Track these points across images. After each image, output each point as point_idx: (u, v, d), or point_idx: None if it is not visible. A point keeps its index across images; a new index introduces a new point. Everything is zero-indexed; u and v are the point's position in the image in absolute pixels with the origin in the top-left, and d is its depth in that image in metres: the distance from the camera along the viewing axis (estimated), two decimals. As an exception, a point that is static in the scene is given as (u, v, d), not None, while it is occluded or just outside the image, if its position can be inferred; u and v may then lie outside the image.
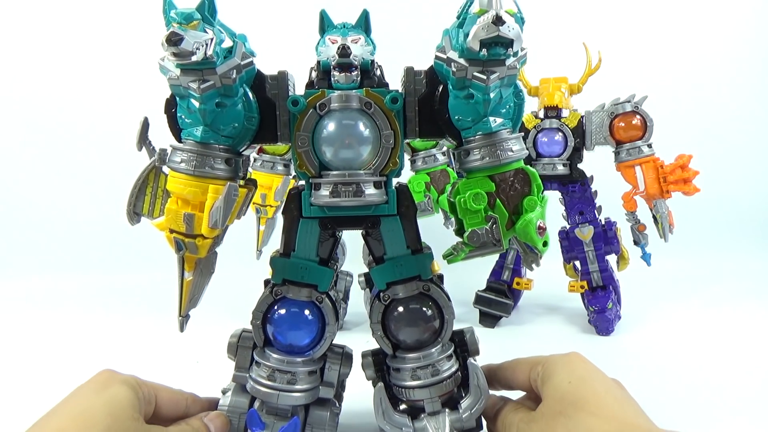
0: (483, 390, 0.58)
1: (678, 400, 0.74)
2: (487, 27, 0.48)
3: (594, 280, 1.07)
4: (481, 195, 0.54)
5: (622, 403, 0.49)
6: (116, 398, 0.50)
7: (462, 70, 0.51)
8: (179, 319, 0.56)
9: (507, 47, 0.49)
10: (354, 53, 0.54)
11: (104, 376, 0.54)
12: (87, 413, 0.48)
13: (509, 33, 0.48)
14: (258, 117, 0.55)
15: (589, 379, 0.52)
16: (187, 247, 0.53)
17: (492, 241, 0.54)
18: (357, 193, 0.53)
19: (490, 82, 0.51)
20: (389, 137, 0.54)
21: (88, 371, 0.86)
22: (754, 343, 0.96)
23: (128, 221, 0.55)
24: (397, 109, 0.54)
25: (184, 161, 0.52)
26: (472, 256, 0.55)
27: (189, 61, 0.47)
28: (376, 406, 0.58)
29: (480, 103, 0.53)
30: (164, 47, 0.45)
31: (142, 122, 0.54)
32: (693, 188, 0.99)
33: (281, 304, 0.57)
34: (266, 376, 0.57)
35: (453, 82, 0.53)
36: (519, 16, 0.51)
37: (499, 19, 0.48)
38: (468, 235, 0.54)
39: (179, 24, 0.46)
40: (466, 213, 0.54)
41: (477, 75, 0.51)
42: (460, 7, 0.53)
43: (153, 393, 0.55)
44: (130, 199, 0.54)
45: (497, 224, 0.54)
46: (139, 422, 0.50)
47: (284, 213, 0.58)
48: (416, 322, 0.59)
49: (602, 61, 1.06)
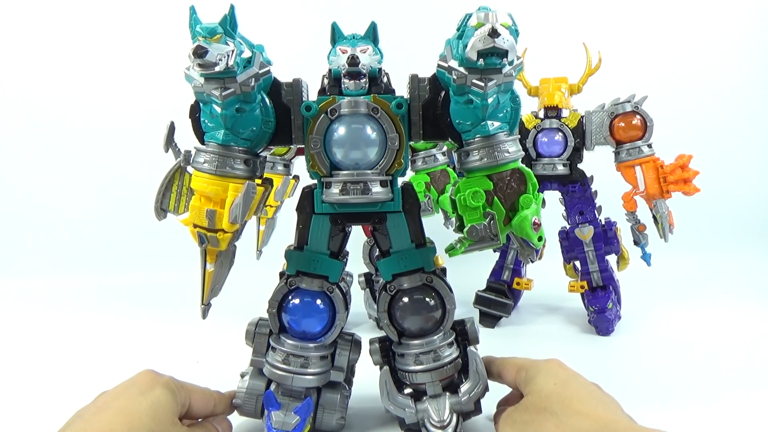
0: (481, 376, 0.67)
1: (678, 400, 0.77)
2: (484, 39, 0.56)
3: (594, 280, 1.11)
4: (480, 193, 0.62)
5: (604, 404, 0.57)
6: (159, 401, 0.57)
7: (462, 77, 0.59)
8: (201, 307, 0.64)
9: (502, 57, 0.57)
10: (362, 62, 0.62)
11: (148, 378, 0.60)
12: (133, 414, 0.54)
13: (504, 44, 0.56)
14: (274, 121, 0.64)
15: (572, 382, 0.61)
16: (209, 240, 0.62)
17: (490, 236, 0.62)
18: (365, 191, 0.61)
19: (488, 88, 0.59)
20: (395, 139, 0.62)
21: (88, 371, 0.93)
22: (755, 342, 1.00)
23: (156, 217, 0.64)
24: (402, 113, 0.62)
25: (206, 162, 0.61)
26: (471, 250, 0.64)
27: (213, 71, 0.55)
28: (381, 389, 0.67)
29: (479, 108, 0.61)
30: (191, 59, 0.55)
31: (168, 126, 0.63)
32: (693, 188, 1.03)
33: (295, 294, 0.67)
34: (281, 360, 0.66)
35: (454, 88, 0.61)
36: (513, 29, 0.59)
37: (494, 32, 0.55)
38: (467, 230, 0.62)
39: (204, 38, 0.55)
40: (466, 210, 0.63)
41: (476, 82, 0.59)
42: (459, 20, 0.61)
43: (188, 396, 0.62)
44: (158, 196, 0.63)
45: (494, 220, 0.62)
46: (176, 426, 0.57)
47: (298, 210, 0.66)
48: (420, 312, 0.68)
49: (602, 61, 1.10)
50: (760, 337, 1.04)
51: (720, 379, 0.85)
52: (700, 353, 0.96)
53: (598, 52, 1.11)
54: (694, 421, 0.72)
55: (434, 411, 0.65)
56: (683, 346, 1.00)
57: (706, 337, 1.04)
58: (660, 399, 0.78)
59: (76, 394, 0.82)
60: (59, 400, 0.81)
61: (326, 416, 0.67)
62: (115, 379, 0.87)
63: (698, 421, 0.72)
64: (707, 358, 0.94)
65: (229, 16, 0.57)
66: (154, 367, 0.63)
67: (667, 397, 0.79)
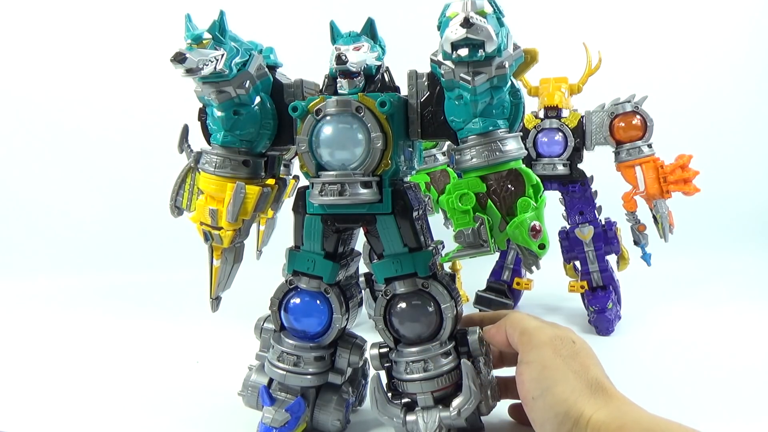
0: (473, 392, 0.62)
1: (678, 400, 0.77)
2: (456, 30, 0.53)
3: (594, 280, 1.11)
4: (468, 196, 0.58)
5: None
6: None
7: (449, 72, 0.57)
8: (210, 300, 0.67)
9: (478, 48, 0.54)
10: (352, 60, 0.59)
11: None
12: None
13: (479, 34, 0.53)
14: (274, 122, 0.65)
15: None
16: (213, 237, 0.64)
17: (479, 242, 0.58)
18: (342, 192, 0.59)
19: (476, 83, 0.56)
20: (378, 139, 0.59)
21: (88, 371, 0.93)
22: (755, 342, 1.00)
23: (171, 214, 0.67)
24: (387, 112, 0.59)
25: (207, 162, 0.63)
26: (460, 256, 0.59)
27: (199, 75, 0.57)
28: (370, 396, 0.64)
29: (469, 104, 0.58)
30: (173, 65, 0.56)
31: (182, 128, 0.66)
32: (693, 188, 1.04)
33: (295, 293, 0.67)
34: (276, 358, 0.67)
35: (443, 83, 0.59)
36: (496, 16, 0.56)
37: (466, 22, 0.52)
38: (455, 235, 0.59)
39: (189, 44, 0.57)
40: (455, 213, 0.59)
41: (463, 76, 0.56)
42: (440, 11, 0.58)
43: None
44: (172, 195, 0.67)
45: (484, 225, 0.58)
46: None
47: (293, 210, 0.66)
48: (415, 318, 0.64)
49: (602, 61, 1.10)
50: (761, 337, 1.04)
51: (720, 379, 0.85)
52: (701, 353, 0.96)
53: (598, 52, 1.11)
54: (695, 421, 0.67)
55: (422, 424, 0.61)
56: (683, 346, 1.00)
57: (706, 337, 1.05)
58: (660, 399, 0.77)
59: (76, 394, 0.84)
60: (59, 400, 0.82)
61: (322, 417, 0.67)
62: (115, 378, 0.88)
63: (698, 421, 0.68)
64: (707, 358, 0.94)
65: (218, 21, 0.59)
66: (154, 366, 0.64)
67: (667, 396, 0.79)
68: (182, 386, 0.85)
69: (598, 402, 0.53)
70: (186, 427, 0.73)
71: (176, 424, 0.74)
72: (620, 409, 0.52)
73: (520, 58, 0.58)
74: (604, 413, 0.51)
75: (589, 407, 0.52)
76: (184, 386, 0.85)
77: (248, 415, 0.70)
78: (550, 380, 0.55)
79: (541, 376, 0.56)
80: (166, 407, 0.78)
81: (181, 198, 0.67)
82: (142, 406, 0.79)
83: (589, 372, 0.56)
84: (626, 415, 0.52)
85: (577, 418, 0.52)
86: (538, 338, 0.59)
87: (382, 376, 0.66)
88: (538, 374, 0.56)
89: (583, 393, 0.53)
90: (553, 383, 0.55)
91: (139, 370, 0.92)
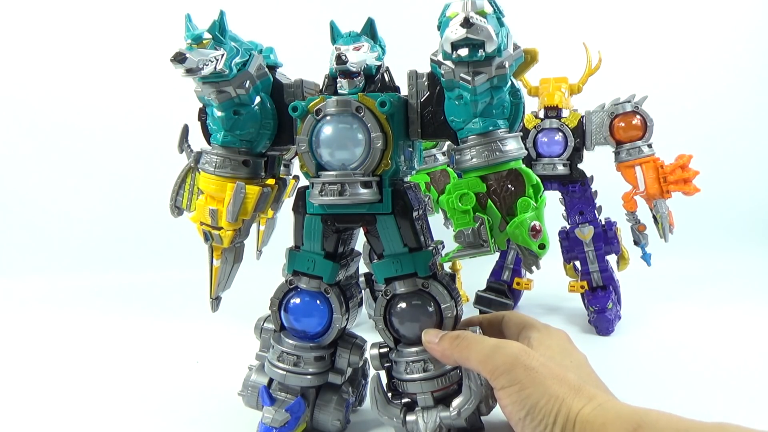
0: (473, 392, 0.62)
1: (678, 400, 0.77)
2: (456, 30, 0.53)
3: (594, 280, 1.11)
4: (468, 196, 0.58)
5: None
6: None
7: (449, 72, 0.57)
8: (210, 300, 0.67)
9: (478, 48, 0.54)
10: (352, 60, 0.59)
11: None
12: None
13: (479, 34, 0.53)
14: (274, 122, 0.65)
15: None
16: (213, 237, 0.64)
17: (479, 242, 0.58)
18: (341, 192, 0.59)
19: (476, 83, 0.56)
20: (378, 139, 0.59)
21: (88, 371, 0.93)
22: (755, 342, 1.00)
23: (171, 214, 0.67)
24: (387, 112, 0.59)
25: (207, 162, 0.64)
26: (460, 256, 0.59)
27: (199, 75, 0.57)
28: (370, 396, 0.65)
29: (468, 104, 0.58)
30: (173, 65, 0.56)
31: (182, 128, 0.66)
32: (693, 188, 1.04)
33: (295, 293, 0.67)
34: (276, 358, 0.67)
35: (444, 83, 0.59)
36: (496, 16, 0.56)
37: (466, 22, 0.52)
38: (455, 235, 0.59)
39: (189, 44, 0.57)
40: (455, 213, 0.59)
41: (463, 76, 0.56)
42: (440, 11, 0.59)
43: None
44: (172, 195, 0.67)
45: (484, 225, 0.58)
46: None
47: (293, 210, 0.66)
48: (415, 318, 0.64)
49: (602, 61, 1.10)
50: (761, 337, 1.04)
51: (720, 379, 0.85)
52: (701, 353, 0.96)
53: (598, 52, 1.11)
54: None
55: (422, 424, 0.62)
56: (683, 346, 1.00)
57: (706, 337, 1.05)
58: (660, 399, 0.77)
59: (75, 394, 0.84)
60: (59, 400, 0.82)
61: (322, 417, 0.67)
62: (115, 378, 0.88)
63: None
64: (707, 358, 0.94)
65: (218, 21, 0.59)
66: (155, 366, 0.64)
67: (667, 396, 0.79)
68: (182, 386, 0.85)
69: (582, 399, 0.53)
70: (186, 427, 0.73)
71: (176, 424, 0.74)
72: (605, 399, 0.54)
73: (520, 58, 0.58)
74: (589, 408, 0.52)
75: (576, 404, 0.52)
76: (184, 386, 0.85)
77: (248, 415, 0.71)
78: (531, 399, 0.54)
79: (520, 397, 0.54)
80: (166, 407, 0.79)
81: (181, 198, 0.67)
82: (142, 406, 0.79)
83: (567, 374, 0.56)
84: (609, 402, 0.53)
85: (564, 422, 0.52)
86: (502, 360, 0.57)
87: (382, 376, 0.66)
88: (518, 396, 0.55)
89: (568, 395, 0.53)
90: (535, 401, 0.54)
91: (139, 370, 0.92)
